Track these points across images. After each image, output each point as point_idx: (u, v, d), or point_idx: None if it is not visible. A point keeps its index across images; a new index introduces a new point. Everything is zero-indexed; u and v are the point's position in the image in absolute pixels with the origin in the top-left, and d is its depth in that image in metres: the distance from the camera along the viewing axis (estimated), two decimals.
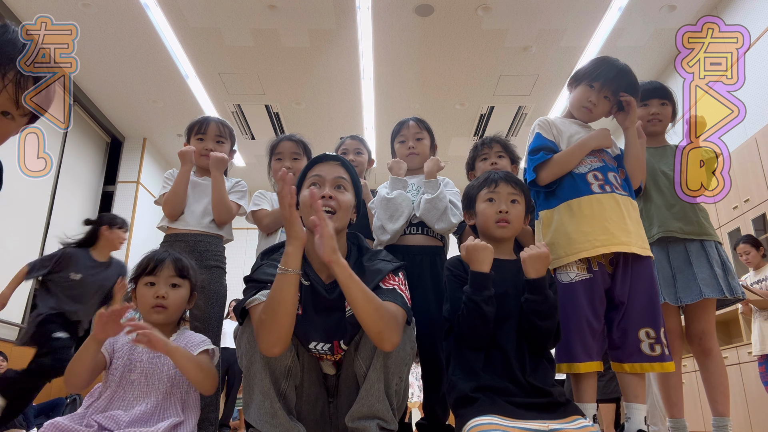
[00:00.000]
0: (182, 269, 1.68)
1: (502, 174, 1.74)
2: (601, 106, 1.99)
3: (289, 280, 1.38)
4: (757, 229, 4.41)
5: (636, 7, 5.01)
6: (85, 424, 1.44)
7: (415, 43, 5.54)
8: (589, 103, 1.98)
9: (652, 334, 1.74)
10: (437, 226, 2.07)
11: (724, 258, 2.13)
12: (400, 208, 2.08)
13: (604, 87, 1.95)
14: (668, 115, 2.27)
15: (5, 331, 5.47)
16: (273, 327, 1.37)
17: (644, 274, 1.81)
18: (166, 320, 1.64)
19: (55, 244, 3.67)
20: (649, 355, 1.74)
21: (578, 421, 1.39)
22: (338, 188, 1.60)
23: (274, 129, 7.11)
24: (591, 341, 1.75)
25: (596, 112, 2.00)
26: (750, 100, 2.30)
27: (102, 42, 5.38)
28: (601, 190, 1.85)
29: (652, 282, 1.82)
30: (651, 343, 1.74)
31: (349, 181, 1.63)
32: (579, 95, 2.01)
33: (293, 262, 1.39)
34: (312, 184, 1.60)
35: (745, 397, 4.42)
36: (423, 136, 2.30)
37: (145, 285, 1.64)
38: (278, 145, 2.32)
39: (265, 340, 1.38)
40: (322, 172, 1.61)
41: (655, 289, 1.82)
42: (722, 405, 2.08)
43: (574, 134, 1.97)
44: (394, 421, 1.49)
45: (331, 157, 1.65)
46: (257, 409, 1.44)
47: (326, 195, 1.56)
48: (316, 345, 1.53)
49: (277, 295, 1.38)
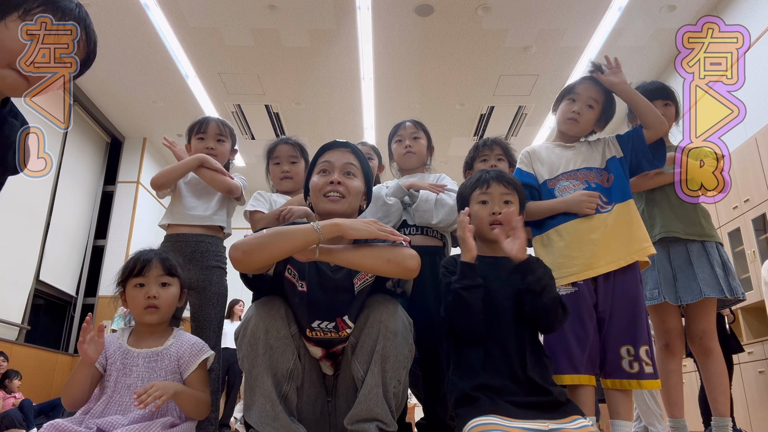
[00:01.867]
0: (170, 267, 1.66)
1: (494, 174, 1.74)
2: (586, 113, 2.01)
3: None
4: (757, 229, 4.41)
5: (636, 7, 5.01)
6: (84, 425, 1.43)
7: (415, 43, 5.54)
8: (573, 113, 2.00)
9: (632, 351, 1.77)
10: (435, 221, 2.06)
11: (725, 258, 2.13)
12: (390, 216, 2.09)
13: (583, 94, 2.00)
14: (672, 116, 2.26)
15: (5, 331, 5.47)
16: (265, 248, 1.40)
17: (627, 285, 1.82)
18: (160, 320, 1.63)
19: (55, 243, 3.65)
20: (627, 372, 1.77)
21: (578, 421, 1.39)
22: (347, 174, 1.61)
23: (274, 129, 7.11)
24: (578, 354, 1.76)
25: (583, 121, 2.01)
26: (750, 100, 2.30)
27: (102, 42, 5.33)
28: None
29: (635, 293, 1.82)
30: (630, 361, 1.77)
31: (358, 167, 1.64)
32: (562, 110, 2.05)
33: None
34: (321, 170, 1.61)
35: (745, 397, 4.42)
36: (420, 135, 2.31)
37: (135, 287, 1.62)
38: (275, 149, 2.32)
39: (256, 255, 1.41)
40: (332, 158, 1.62)
41: (639, 302, 1.82)
42: (722, 405, 2.08)
43: (555, 161, 2.00)
44: (393, 423, 1.48)
45: (342, 144, 1.66)
46: (259, 411, 1.44)
47: (335, 180, 1.57)
48: (320, 323, 1.53)
49: (293, 234, 1.41)
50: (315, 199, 1.60)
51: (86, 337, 1.48)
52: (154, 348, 1.60)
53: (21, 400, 4.94)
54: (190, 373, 1.60)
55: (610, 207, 1.89)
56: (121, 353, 1.58)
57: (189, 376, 1.60)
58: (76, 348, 1.59)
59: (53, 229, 6.20)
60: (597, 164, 1.98)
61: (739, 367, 4.48)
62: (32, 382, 5.40)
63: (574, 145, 2.03)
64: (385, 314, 1.48)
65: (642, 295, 1.85)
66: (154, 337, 1.63)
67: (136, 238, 7.12)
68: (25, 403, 4.90)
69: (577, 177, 1.95)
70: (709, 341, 2.11)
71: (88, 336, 1.48)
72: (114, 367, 1.56)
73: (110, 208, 7.29)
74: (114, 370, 1.55)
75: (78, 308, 6.83)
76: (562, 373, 1.77)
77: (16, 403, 4.91)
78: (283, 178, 2.27)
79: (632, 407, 1.83)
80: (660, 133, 1.95)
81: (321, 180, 1.59)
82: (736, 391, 4.33)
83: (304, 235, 1.41)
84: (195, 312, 2.14)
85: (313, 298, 1.51)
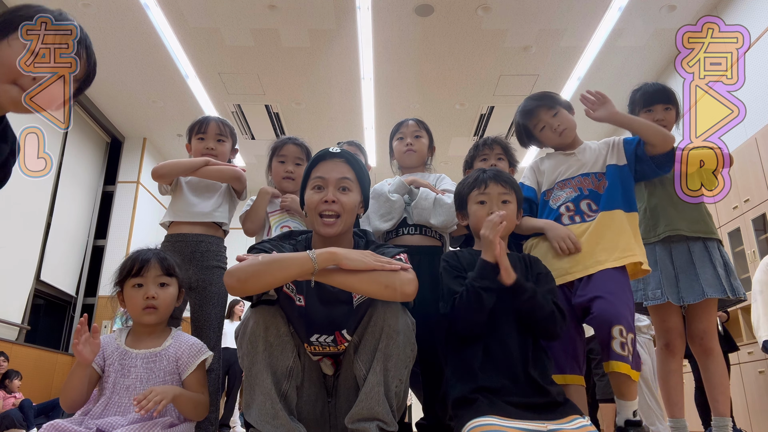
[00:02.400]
0: (169, 267, 1.66)
1: (492, 173, 1.74)
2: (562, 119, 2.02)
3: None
4: (757, 229, 4.41)
5: (636, 7, 5.01)
6: (84, 426, 1.43)
7: (415, 43, 5.54)
8: (558, 126, 2.01)
9: (624, 332, 1.67)
10: (433, 221, 2.06)
11: (726, 259, 2.13)
12: (393, 212, 2.08)
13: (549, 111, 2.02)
14: (672, 119, 2.25)
15: (5, 331, 5.47)
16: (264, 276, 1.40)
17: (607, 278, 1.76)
18: (158, 320, 1.63)
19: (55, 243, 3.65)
20: (619, 353, 1.67)
21: (576, 421, 1.39)
22: (342, 189, 1.58)
23: (274, 129, 7.11)
24: (561, 356, 1.75)
25: (568, 125, 2.02)
26: (750, 100, 2.29)
27: (102, 42, 5.38)
28: (570, 221, 1.92)
29: (620, 283, 1.77)
30: (622, 342, 1.67)
31: (353, 179, 1.61)
32: (546, 136, 2.06)
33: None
34: (316, 186, 1.59)
35: (745, 397, 4.42)
36: (422, 134, 2.30)
37: (133, 287, 1.61)
38: (282, 147, 2.30)
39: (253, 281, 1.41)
40: (326, 173, 1.59)
41: (625, 292, 1.76)
42: (723, 405, 2.08)
43: (554, 171, 2.02)
44: (393, 423, 1.48)
45: (335, 155, 1.62)
46: (258, 409, 1.44)
47: (329, 199, 1.55)
48: (319, 337, 1.53)
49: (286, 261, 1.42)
50: (311, 216, 1.59)
51: (81, 339, 1.47)
52: (153, 349, 1.60)
53: (21, 400, 4.94)
54: (189, 374, 1.60)
55: (594, 216, 1.89)
56: (119, 354, 1.57)
57: (187, 377, 1.60)
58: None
59: (53, 229, 6.20)
60: (597, 168, 1.97)
61: (739, 367, 4.48)
62: (32, 382, 5.40)
63: (574, 152, 2.03)
64: (388, 313, 1.48)
65: (628, 291, 1.80)
66: (152, 338, 1.62)
67: (136, 238, 7.12)
68: (25, 403, 4.91)
69: (570, 185, 1.97)
70: (709, 341, 2.10)
71: (83, 337, 1.47)
72: (112, 368, 1.55)
73: (110, 208, 7.29)
74: (112, 371, 1.55)
75: (78, 308, 6.83)
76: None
77: (16, 403, 4.91)
78: (286, 177, 2.27)
79: (634, 386, 1.74)
80: (665, 149, 1.93)
81: (316, 197, 1.56)
82: (736, 391, 4.33)
83: (299, 264, 1.41)
84: (195, 312, 2.14)
85: (312, 312, 1.51)
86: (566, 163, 2.01)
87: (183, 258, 1.98)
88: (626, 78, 5.60)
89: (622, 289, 1.77)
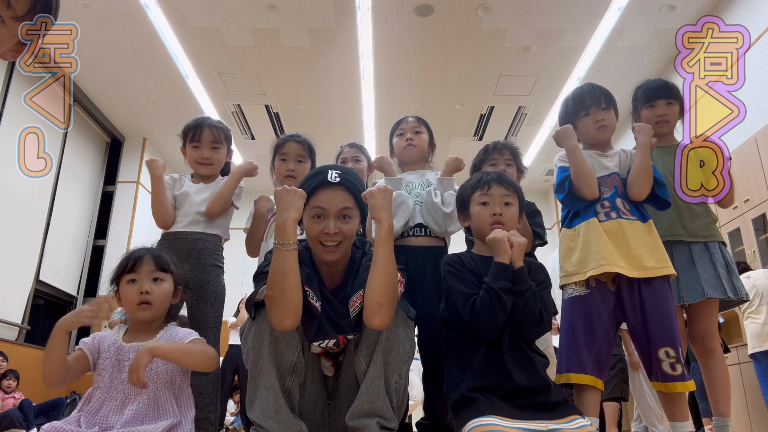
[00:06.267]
0: (163, 263, 1.65)
1: (495, 175, 1.74)
2: (608, 118, 2.02)
3: (291, 254, 1.46)
4: (757, 229, 4.41)
5: (636, 7, 5.01)
6: (84, 426, 1.43)
7: (415, 43, 5.54)
8: (600, 121, 2.01)
9: (672, 353, 1.76)
10: (449, 229, 2.09)
11: (728, 259, 2.12)
12: (397, 208, 2.08)
13: (598, 105, 2.01)
14: (675, 114, 2.24)
15: (5, 331, 5.47)
16: (282, 300, 1.43)
17: (656, 296, 1.81)
18: (153, 316, 1.62)
19: (55, 243, 3.65)
20: (671, 374, 1.75)
21: (576, 421, 1.39)
22: (343, 218, 1.57)
23: (274, 129, 7.11)
24: (585, 355, 1.77)
25: (609, 125, 2.02)
26: (750, 100, 2.29)
27: (102, 42, 5.38)
28: (606, 218, 1.90)
29: (666, 302, 1.81)
30: (672, 363, 1.75)
31: (354, 206, 1.58)
32: (585, 125, 2.04)
33: (291, 234, 1.47)
34: (316, 215, 1.56)
35: (745, 397, 4.42)
36: (421, 130, 2.31)
37: (127, 283, 1.62)
38: (284, 145, 2.30)
39: (277, 315, 1.44)
40: (326, 203, 1.55)
41: (671, 310, 1.82)
42: (723, 405, 2.08)
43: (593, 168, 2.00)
44: (394, 419, 1.49)
45: (335, 183, 1.57)
46: (261, 404, 1.45)
47: (331, 232, 1.54)
48: (321, 343, 1.56)
49: (281, 269, 1.44)
50: (311, 242, 1.59)
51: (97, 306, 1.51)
52: (145, 342, 1.60)
53: (21, 400, 4.94)
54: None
55: (629, 215, 1.90)
56: (116, 349, 1.58)
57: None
58: (76, 348, 1.58)
59: (53, 229, 6.20)
60: (626, 175, 1.99)
61: (739, 367, 4.48)
62: (32, 382, 5.39)
63: (607, 154, 2.04)
64: None
65: (673, 308, 1.84)
66: (147, 334, 1.62)
67: (136, 238, 7.12)
68: (24, 403, 4.91)
69: (606, 183, 1.97)
70: (711, 341, 2.11)
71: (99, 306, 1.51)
72: (108, 363, 1.55)
73: (110, 208, 7.29)
74: (108, 366, 1.55)
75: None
76: (569, 371, 1.78)
77: (16, 403, 4.91)
78: (288, 176, 2.26)
79: (686, 407, 1.81)
80: (636, 198, 1.92)
81: (316, 228, 1.55)
82: (736, 391, 4.33)
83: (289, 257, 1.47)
84: (192, 311, 2.13)
85: (323, 318, 1.53)
86: (599, 163, 2.01)
87: (180, 256, 1.97)
88: (626, 78, 5.58)
89: (672, 307, 1.83)
